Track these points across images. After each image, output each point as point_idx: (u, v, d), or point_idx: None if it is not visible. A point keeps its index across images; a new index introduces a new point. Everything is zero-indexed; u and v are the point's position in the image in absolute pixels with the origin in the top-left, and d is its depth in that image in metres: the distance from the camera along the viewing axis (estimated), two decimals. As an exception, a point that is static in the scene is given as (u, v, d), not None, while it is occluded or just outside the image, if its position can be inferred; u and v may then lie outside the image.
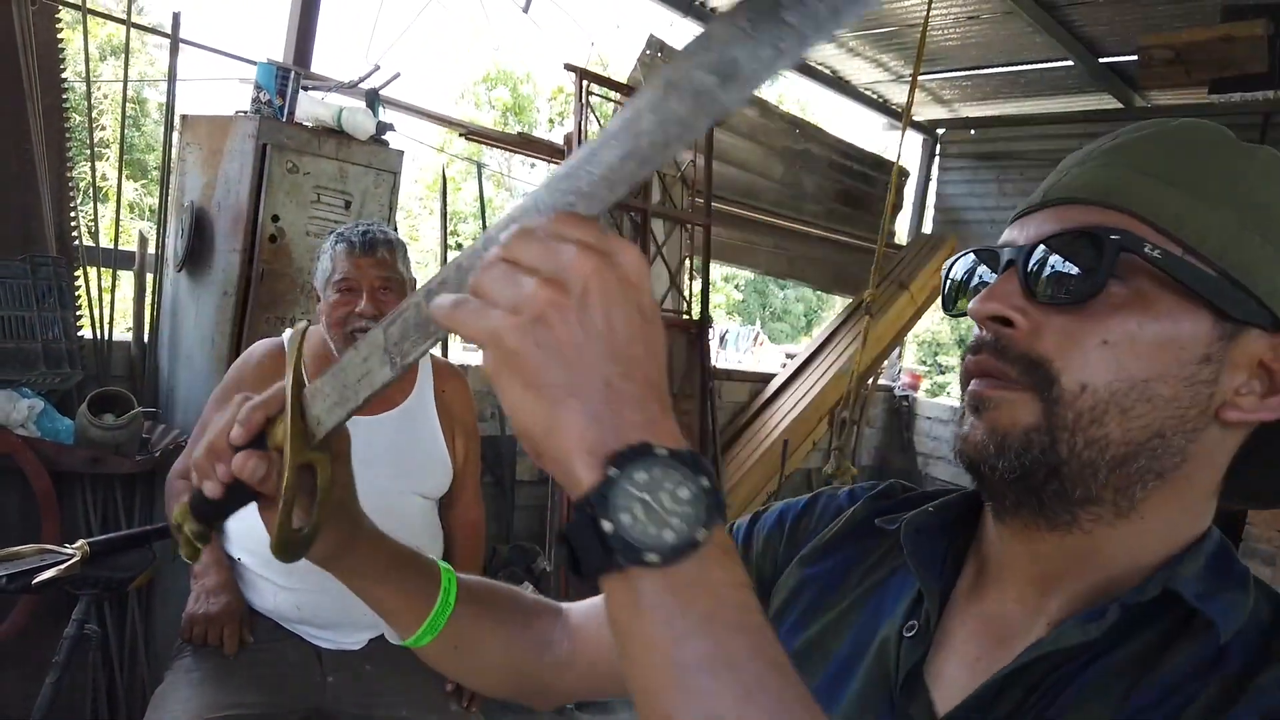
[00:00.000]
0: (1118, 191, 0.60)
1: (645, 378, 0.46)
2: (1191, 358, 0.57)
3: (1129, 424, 0.57)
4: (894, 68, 5.84)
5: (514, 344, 0.45)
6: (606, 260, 0.46)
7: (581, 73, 4.04)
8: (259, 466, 0.64)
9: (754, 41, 0.41)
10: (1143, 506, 0.59)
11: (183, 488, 2.02)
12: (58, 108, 2.73)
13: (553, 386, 0.45)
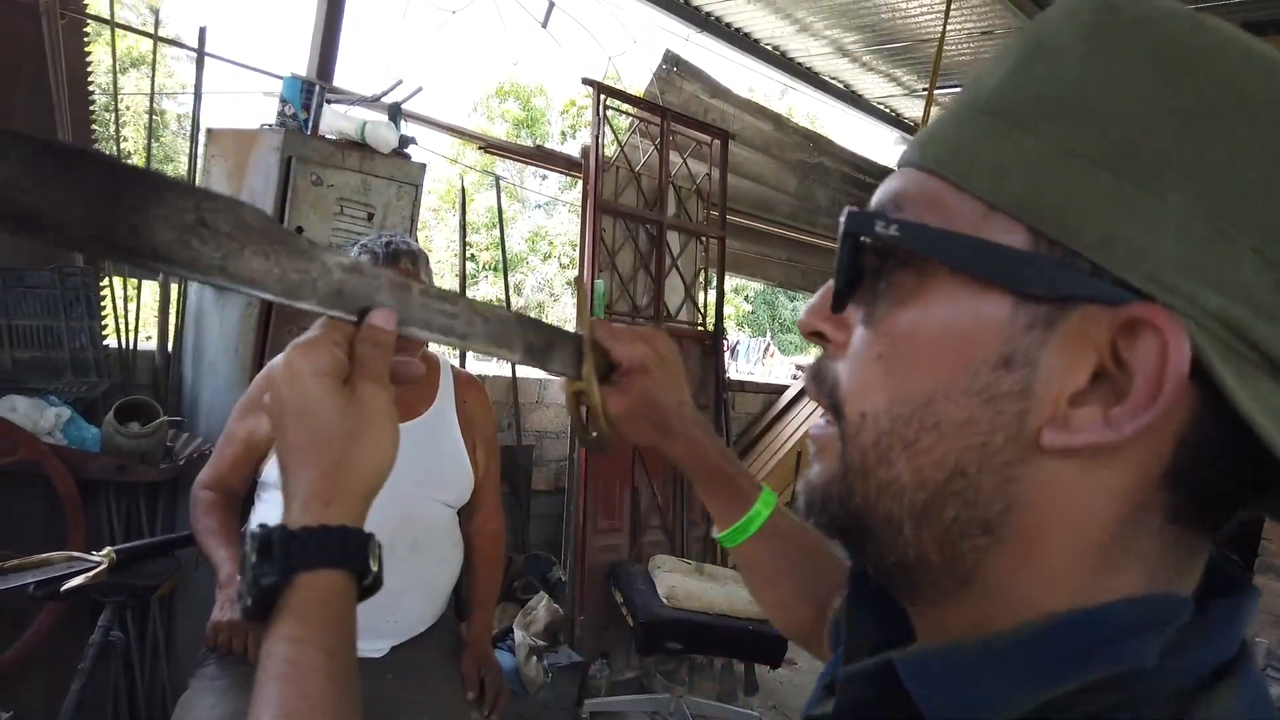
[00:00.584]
0: (930, 141, 0.46)
1: (288, 449, 0.64)
2: (983, 361, 0.41)
3: (917, 460, 0.43)
4: (906, 82, 5.88)
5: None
6: (287, 359, 0.64)
7: (599, 87, 4.07)
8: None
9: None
10: (983, 573, 0.43)
11: (207, 498, 2.05)
12: (85, 119, 2.77)
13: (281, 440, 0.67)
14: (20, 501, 2.41)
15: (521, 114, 16.77)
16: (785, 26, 5.13)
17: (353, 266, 0.62)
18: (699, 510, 4.53)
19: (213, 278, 0.55)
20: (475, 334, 0.68)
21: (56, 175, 0.49)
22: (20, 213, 0.49)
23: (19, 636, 2.27)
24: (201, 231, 0.54)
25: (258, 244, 0.56)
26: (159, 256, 0.53)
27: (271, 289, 0.57)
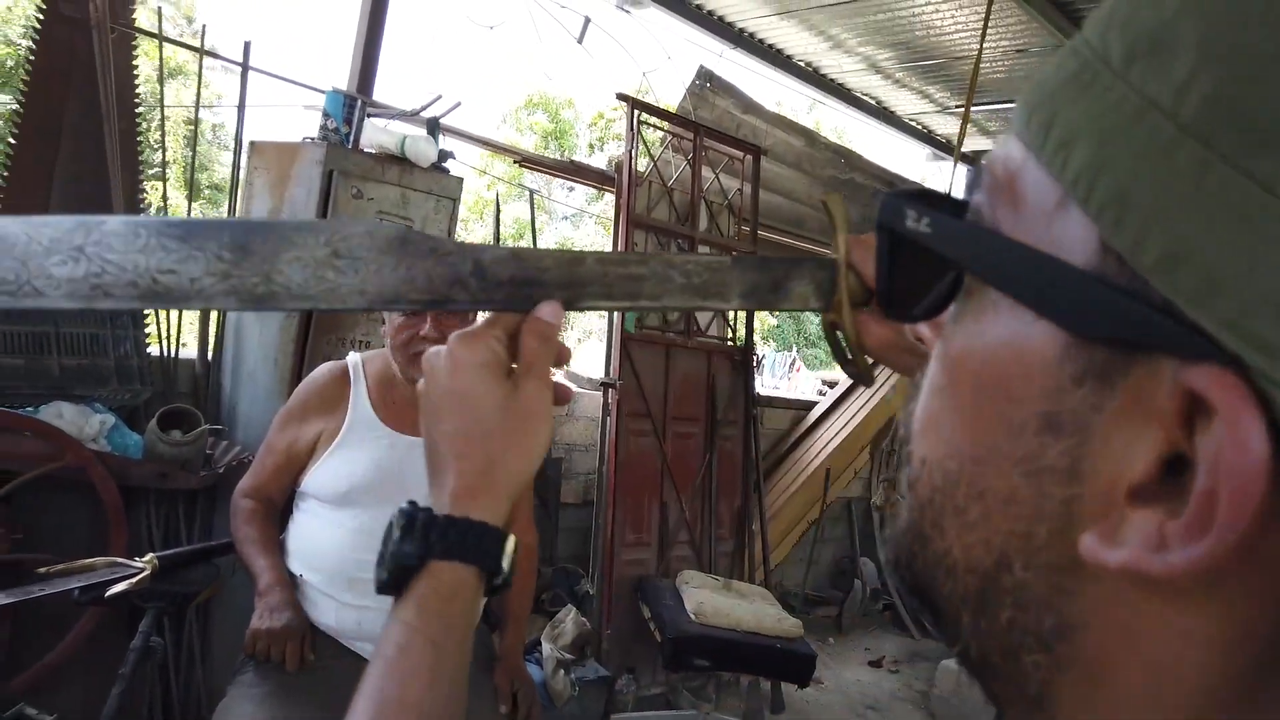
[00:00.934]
0: (1032, 86, 0.34)
1: (448, 440, 0.62)
2: (1026, 417, 0.31)
3: (966, 537, 0.33)
4: (939, 99, 5.86)
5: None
6: (453, 350, 0.62)
7: (633, 102, 4.10)
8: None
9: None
10: (1052, 700, 0.32)
11: (247, 507, 2.07)
12: (131, 131, 2.82)
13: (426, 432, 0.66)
14: (63, 506, 2.45)
15: (550, 126, 16.87)
16: (819, 43, 5.14)
17: (510, 254, 0.61)
18: (728, 525, 4.52)
19: (352, 304, 0.56)
20: (672, 292, 0.64)
21: (189, 255, 0.54)
22: (161, 293, 0.52)
23: (60, 640, 2.30)
24: (336, 263, 0.55)
25: (396, 258, 0.57)
26: (294, 295, 0.55)
27: (417, 298, 0.58)
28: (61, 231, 0.51)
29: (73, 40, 2.68)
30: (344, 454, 2.02)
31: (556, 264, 0.61)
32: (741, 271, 0.65)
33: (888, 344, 0.71)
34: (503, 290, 0.60)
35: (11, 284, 0.50)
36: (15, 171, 2.65)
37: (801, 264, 0.68)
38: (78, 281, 0.51)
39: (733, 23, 4.96)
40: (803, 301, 0.68)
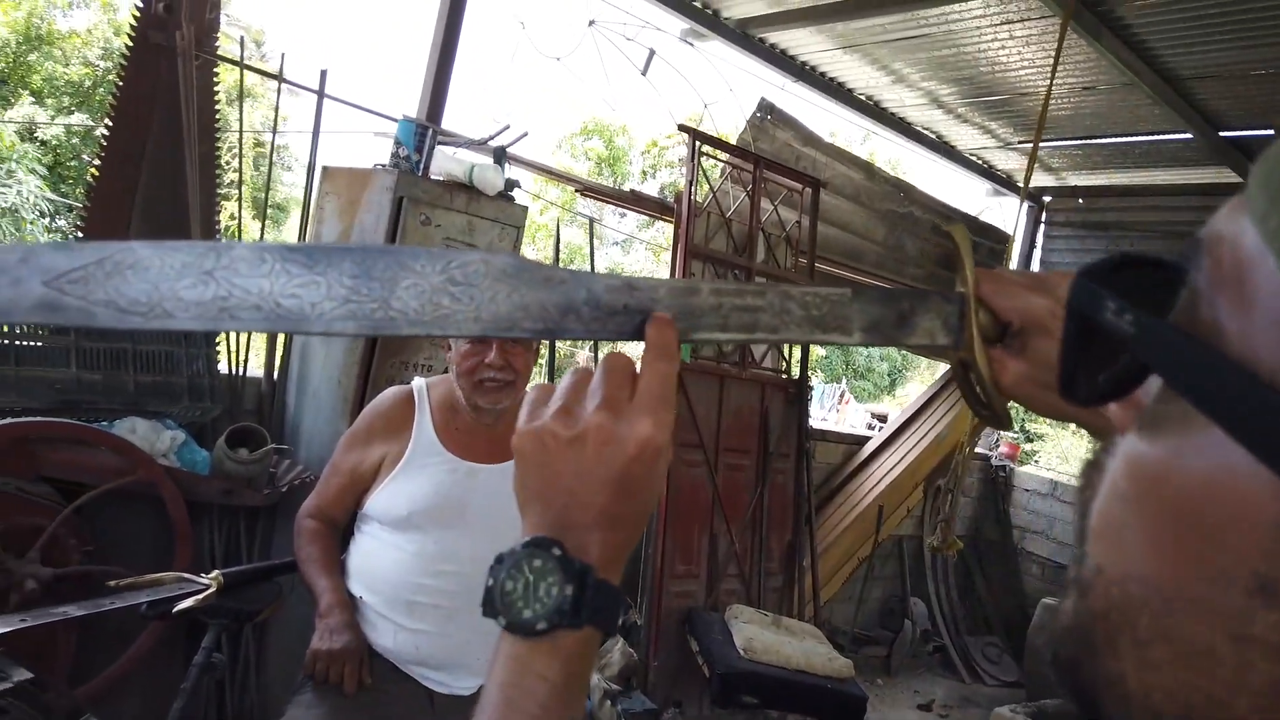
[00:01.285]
0: (1264, 185, 0.28)
1: (600, 512, 0.58)
2: (1234, 572, 0.26)
3: (1147, 676, 0.30)
4: (1001, 135, 5.81)
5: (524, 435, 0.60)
6: (616, 422, 0.58)
7: (694, 134, 4.12)
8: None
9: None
10: None
11: (311, 527, 2.10)
12: (210, 155, 2.90)
13: (535, 480, 0.60)
14: (131, 519, 2.50)
15: (604, 152, 17.03)
16: (881, 77, 5.13)
17: (623, 283, 0.60)
18: (778, 559, 4.47)
19: (466, 330, 0.57)
20: (790, 325, 0.62)
21: (311, 280, 0.55)
22: (283, 316, 0.54)
23: (124, 651, 2.34)
24: (452, 290, 0.56)
25: (510, 286, 0.58)
26: (411, 321, 0.55)
27: (530, 327, 0.58)
28: (193, 256, 0.53)
29: (158, 67, 2.77)
30: (406, 478, 2.04)
31: (671, 293, 0.61)
32: (863, 304, 0.64)
33: (1028, 383, 0.66)
34: (616, 320, 0.60)
35: (144, 306, 0.52)
36: (99, 192, 2.74)
37: (926, 297, 0.66)
38: (206, 304, 0.53)
39: (795, 56, 4.98)
40: (929, 337, 0.65)
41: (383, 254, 0.56)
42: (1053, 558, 6.17)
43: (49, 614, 1.84)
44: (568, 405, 0.59)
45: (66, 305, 0.51)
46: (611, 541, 0.59)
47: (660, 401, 0.59)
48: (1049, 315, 0.64)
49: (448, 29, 3.42)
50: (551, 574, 0.56)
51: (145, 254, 0.53)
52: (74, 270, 0.51)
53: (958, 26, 4.27)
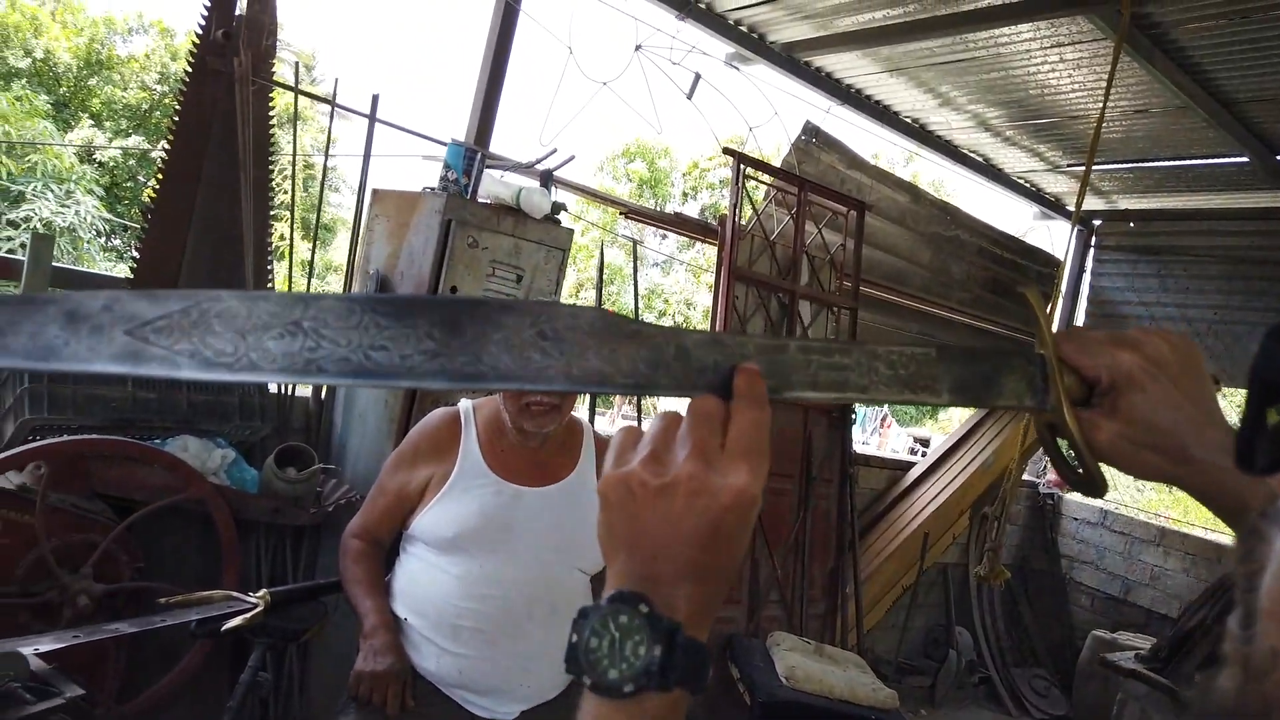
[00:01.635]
0: None
1: (689, 564, 0.56)
2: None
3: None
4: (1051, 158, 5.73)
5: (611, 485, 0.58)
6: (709, 470, 0.56)
7: (739, 156, 4.12)
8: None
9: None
10: None
11: (357, 547, 2.11)
12: (264, 178, 2.96)
13: (622, 529, 0.57)
14: (180, 536, 2.54)
15: (646, 174, 17.11)
16: (927, 100, 5.09)
17: (712, 339, 0.60)
18: (820, 586, 4.41)
19: (557, 385, 0.56)
20: (878, 384, 0.62)
21: (401, 333, 0.54)
22: (372, 369, 0.53)
23: (171, 668, 2.37)
24: (542, 344, 0.56)
25: (600, 341, 0.57)
26: (502, 375, 0.55)
27: (621, 382, 0.57)
28: (280, 305, 0.52)
29: (215, 92, 2.83)
30: (452, 500, 2.04)
31: (759, 350, 0.60)
32: (948, 365, 0.63)
33: (1123, 443, 0.63)
34: (705, 376, 0.59)
35: (229, 356, 0.51)
36: (157, 212, 2.80)
37: (1009, 357, 0.64)
38: (293, 355, 0.52)
39: (841, 79, 4.96)
40: (1015, 399, 0.64)
41: (472, 307, 0.55)
42: (1102, 588, 6.02)
43: (101, 630, 1.87)
44: (657, 451, 0.58)
45: (150, 355, 0.50)
46: (700, 596, 0.57)
47: (755, 450, 0.57)
48: (1139, 370, 0.63)
49: (496, 55, 3.46)
50: (639, 632, 0.54)
51: (232, 302, 0.52)
52: (158, 319, 0.50)
53: (1006, 50, 4.23)
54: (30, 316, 0.49)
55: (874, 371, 0.62)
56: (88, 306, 0.50)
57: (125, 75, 15.02)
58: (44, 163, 11.91)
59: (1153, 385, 0.63)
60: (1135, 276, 6.39)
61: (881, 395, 0.62)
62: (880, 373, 0.62)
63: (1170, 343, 0.64)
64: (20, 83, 13.62)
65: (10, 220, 11.25)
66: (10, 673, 1.61)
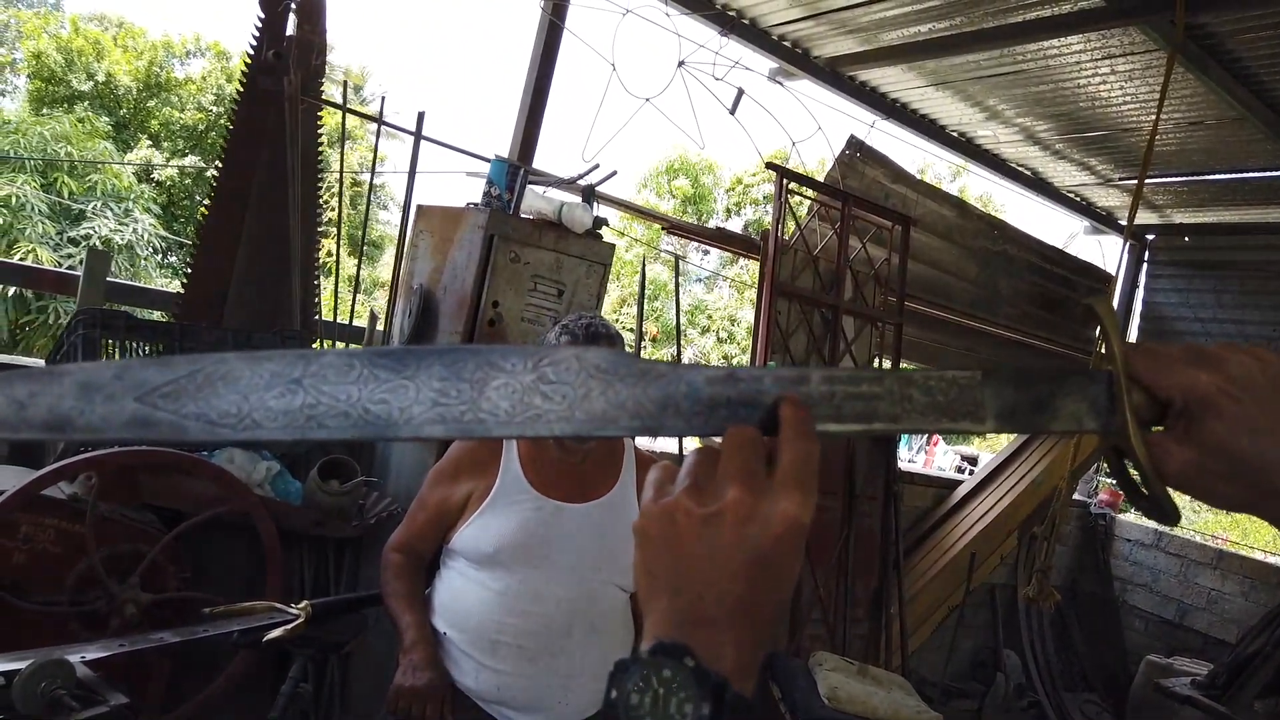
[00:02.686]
0: None
1: (737, 603, 0.52)
2: None
3: None
4: (1102, 171, 5.62)
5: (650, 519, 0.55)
6: (757, 498, 0.53)
7: (782, 171, 4.10)
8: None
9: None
10: None
11: (397, 561, 2.12)
12: (312, 195, 3.01)
13: (664, 566, 0.54)
14: (225, 547, 2.57)
15: (690, 190, 17.12)
16: (974, 114, 5.03)
17: (726, 375, 0.57)
18: (863, 606, 4.34)
19: (559, 430, 0.55)
20: (913, 413, 0.57)
21: (400, 384, 0.54)
22: (371, 422, 0.53)
23: (212, 679, 2.39)
24: (543, 389, 0.55)
25: (604, 382, 0.56)
26: (501, 423, 0.54)
27: (626, 425, 0.55)
28: (282, 364, 0.53)
29: (266, 111, 2.89)
30: (492, 515, 2.04)
31: (777, 383, 0.57)
32: (996, 388, 0.58)
33: (1197, 471, 0.58)
34: (719, 414, 0.56)
35: (234, 418, 0.52)
36: (208, 231, 2.86)
37: (1068, 378, 0.59)
38: (294, 413, 0.52)
39: (885, 93, 4.93)
40: (1075, 422, 0.59)
41: (472, 355, 0.55)
42: (1157, 612, 5.85)
43: (146, 639, 1.90)
44: (698, 481, 0.55)
45: (159, 420, 0.51)
46: (748, 642, 0.53)
47: (806, 479, 0.54)
48: (1218, 392, 0.57)
49: (540, 72, 3.49)
50: (684, 689, 0.49)
51: (236, 364, 0.52)
52: (166, 384, 0.52)
53: (1056, 62, 4.16)
54: (48, 389, 0.51)
55: (907, 400, 0.58)
56: (100, 376, 0.51)
57: (183, 97, 15.43)
58: (104, 182, 12.26)
59: (1234, 409, 0.57)
60: (1190, 292, 6.24)
61: (916, 424, 0.58)
62: (915, 400, 0.58)
63: (1260, 360, 0.58)
64: (83, 105, 14.07)
65: (71, 238, 11.59)
66: (58, 680, 1.63)
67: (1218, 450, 0.57)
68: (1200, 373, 0.58)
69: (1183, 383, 0.58)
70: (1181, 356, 0.59)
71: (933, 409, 0.58)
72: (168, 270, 13.14)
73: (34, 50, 14.43)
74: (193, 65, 16.49)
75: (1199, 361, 0.58)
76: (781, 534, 0.52)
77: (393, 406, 0.53)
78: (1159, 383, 0.58)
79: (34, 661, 1.61)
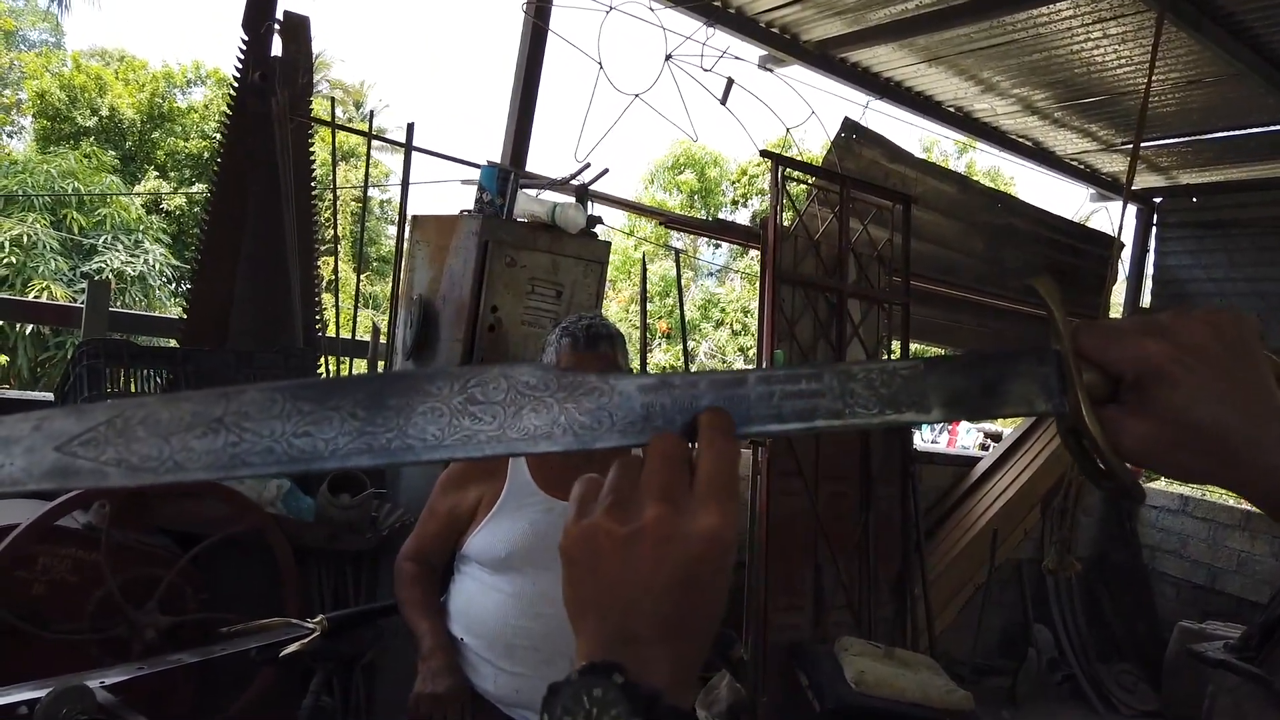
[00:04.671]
0: None
1: (664, 621, 0.51)
2: None
3: None
4: (1103, 137, 5.57)
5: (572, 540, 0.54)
6: (677, 515, 0.52)
7: (776, 158, 4.08)
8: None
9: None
10: None
11: (410, 570, 2.13)
12: (307, 212, 3.03)
13: (589, 587, 0.53)
14: (242, 567, 2.59)
15: (697, 184, 17.10)
16: (969, 88, 5.00)
17: (658, 382, 0.57)
18: (887, 589, 4.33)
19: (490, 450, 0.54)
20: (855, 407, 0.57)
21: (323, 416, 0.53)
22: (296, 456, 0.53)
23: (239, 698, 2.41)
24: (472, 409, 0.54)
25: (536, 398, 0.55)
26: (430, 446, 0.54)
27: (561, 441, 0.55)
28: (202, 405, 0.53)
29: (254, 134, 2.91)
30: (502, 520, 2.05)
31: (712, 386, 0.56)
32: (940, 376, 0.57)
33: (1153, 444, 0.56)
34: (654, 423, 0.56)
35: (154, 460, 0.52)
36: (207, 252, 2.89)
37: (1016, 359, 0.58)
38: (216, 452, 0.52)
39: (878, 73, 4.90)
40: (1026, 404, 0.58)
41: (397, 380, 0.54)
42: (1187, 578, 5.80)
43: (164, 661, 1.92)
44: (620, 499, 0.54)
45: (79, 469, 0.51)
46: (680, 655, 0.52)
47: (725, 489, 0.53)
48: (1169, 361, 0.55)
49: (527, 75, 3.50)
50: (615, 705, 0.49)
51: (155, 407, 0.52)
52: (85, 432, 0.52)
53: (1046, 30, 4.13)
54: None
55: (849, 395, 0.57)
56: (18, 430, 0.51)
57: (186, 126, 15.56)
58: (113, 215, 12.39)
59: (1187, 377, 0.55)
60: (1202, 253, 6.17)
61: (860, 420, 0.57)
62: (857, 395, 0.57)
63: (1212, 325, 0.56)
64: (88, 140, 14.21)
65: (84, 273, 11.71)
66: (78, 706, 1.66)
67: (1173, 421, 0.55)
68: (1149, 342, 0.56)
69: (1132, 354, 0.56)
70: (1131, 329, 0.57)
71: (875, 401, 0.57)
72: (180, 299, 13.25)
73: (38, 90, 14.58)
74: (194, 94, 16.63)
75: (1148, 331, 0.56)
76: (702, 552, 0.51)
77: (317, 439, 0.53)
78: (1108, 357, 0.57)
79: (54, 689, 1.64)
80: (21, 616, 2.12)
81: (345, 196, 11.07)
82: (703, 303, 16.99)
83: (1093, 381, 0.57)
